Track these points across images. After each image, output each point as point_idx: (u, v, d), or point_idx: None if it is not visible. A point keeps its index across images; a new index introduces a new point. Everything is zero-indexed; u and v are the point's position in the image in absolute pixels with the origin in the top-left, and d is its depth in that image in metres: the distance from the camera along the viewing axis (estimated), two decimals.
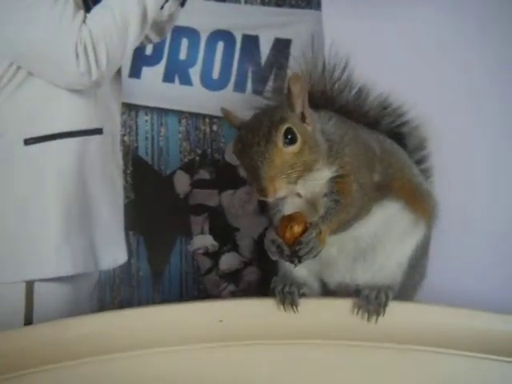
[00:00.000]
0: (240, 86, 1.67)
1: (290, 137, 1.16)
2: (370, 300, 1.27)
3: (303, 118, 1.21)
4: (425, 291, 1.40)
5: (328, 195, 1.22)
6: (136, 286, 1.61)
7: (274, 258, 1.20)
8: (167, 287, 1.61)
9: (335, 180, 1.23)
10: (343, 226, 1.23)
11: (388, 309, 1.26)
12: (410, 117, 1.45)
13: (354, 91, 1.41)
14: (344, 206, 1.21)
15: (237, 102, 1.53)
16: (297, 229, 1.17)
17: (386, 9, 1.67)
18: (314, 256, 1.17)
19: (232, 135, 1.56)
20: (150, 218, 1.63)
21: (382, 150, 1.32)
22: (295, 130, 1.17)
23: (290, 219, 1.18)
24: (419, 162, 1.47)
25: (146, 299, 1.61)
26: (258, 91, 1.63)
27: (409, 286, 1.36)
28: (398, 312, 1.26)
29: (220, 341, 1.25)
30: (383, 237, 1.31)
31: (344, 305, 1.27)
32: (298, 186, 1.19)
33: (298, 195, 1.24)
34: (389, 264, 1.32)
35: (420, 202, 1.34)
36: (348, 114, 1.37)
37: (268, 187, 1.13)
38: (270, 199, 1.16)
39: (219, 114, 1.56)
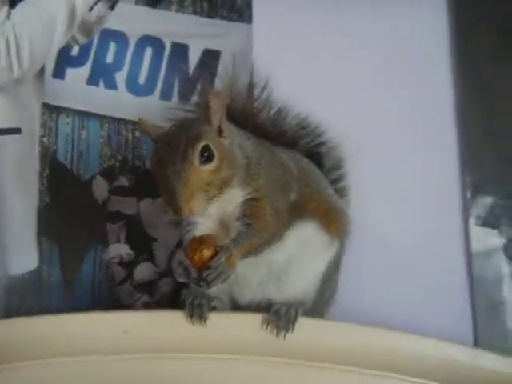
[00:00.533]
0: (166, 94, 1.64)
1: (206, 154, 1.16)
2: (280, 315, 1.28)
3: (220, 131, 1.21)
4: (338, 310, 1.42)
5: (241, 218, 1.23)
6: (47, 293, 1.54)
7: (181, 279, 1.20)
8: (79, 295, 1.55)
9: (249, 203, 1.23)
10: (255, 250, 1.23)
11: (299, 325, 1.27)
12: (328, 137, 1.48)
13: (273, 111, 1.43)
14: (256, 230, 1.21)
15: (162, 109, 1.50)
16: (206, 253, 1.15)
17: (314, 28, 1.70)
18: (223, 281, 1.17)
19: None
20: (65, 224, 1.57)
21: (299, 169, 1.34)
22: (212, 146, 1.16)
23: (201, 242, 1.18)
24: (336, 181, 1.50)
25: (56, 307, 1.53)
26: (183, 100, 1.62)
27: (320, 302, 1.38)
28: (308, 328, 1.28)
29: (125, 353, 1.22)
30: (298, 258, 1.31)
31: (254, 319, 1.28)
32: (213, 204, 1.18)
33: (210, 216, 1.24)
34: (302, 281, 1.33)
35: (334, 222, 1.37)
36: (266, 133, 1.39)
37: (183, 207, 1.12)
38: (185, 217, 1.16)
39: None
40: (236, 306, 1.37)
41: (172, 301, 1.52)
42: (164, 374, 1.24)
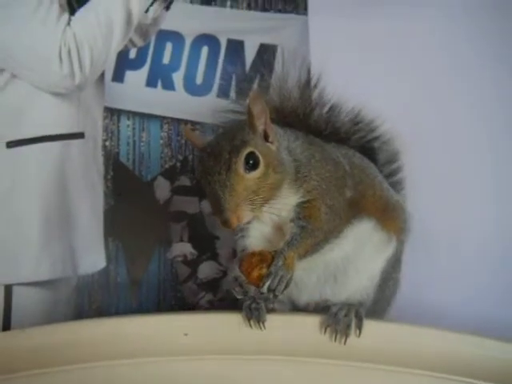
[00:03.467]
0: (223, 92, 1.66)
1: (251, 162, 1.15)
2: (339, 319, 1.27)
3: (266, 136, 1.20)
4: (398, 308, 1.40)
5: (295, 221, 1.21)
6: (114, 293, 1.62)
7: (238, 296, 1.21)
8: (145, 294, 1.62)
9: (302, 205, 1.22)
10: (311, 250, 1.22)
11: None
12: (382, 131, 1.45)
13: (325, 108, 1.41)
14: (311, 230, 1.20)
15: (220, 107, 1.48)
16: (261, 270, 1.14)
17: (369, 22, 1.68)
18: (286, 286, 1.16)
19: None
20: (129, 225, 1.63)
21: (352, 165, 1.32)
22: (257, 153, 1.15)
23: (260, 259, 1.16)
24: (391, 175, 1.47)
25: (123, 306, 1.61)
26: (241, 97, 1.58)
27: (381, 301, 1.37)
28: (370, 331, 1.26)
29: (184, 355, 1.25)
30: (355, 256, 1.30)
31: (313, 321, 1.27)
32: (263, 211, 1.17)
33: (264, 221, 1.23)
34: (361, 281, 1.32)
35: (392, 218, 1.34)
36: (319, 131, 1.36)
37: (231, 218, 1.12)
38: (234, 228, 1.15)
39: (202, 119, 1.66)
40: (295, 307, 1.38)
41: (237, 298, 1.53)
42: (222, 375, 1.26)
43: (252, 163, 1.15)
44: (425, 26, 1.71)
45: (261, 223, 1.25)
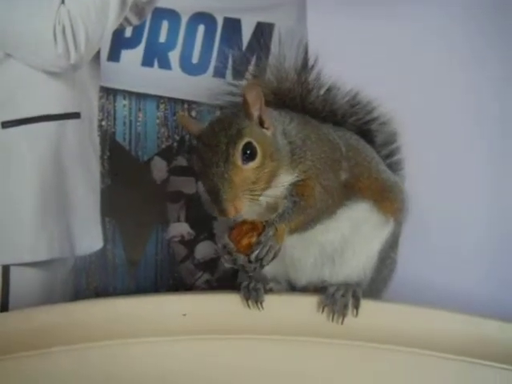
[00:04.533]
0: (220, 72, 1.64)
1: (249, 152, 1.14)
2: (336, 299, 1.27)
3: (261, 122, 1.19)
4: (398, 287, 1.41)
5: (287, 197, 1.21)
6: (111, 273, 1.61)
7: (227, 265, 1.20)
8: (142, 275, 1.61)
9: (296, 183, 1.22)
10: (302, 226, 1.22)
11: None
12: (379, 113, 1.44)
13: (322, 90, 1.40)
14: (303, 207, 1.20)
15: (216, 87, 1.49)
16: (251, 238, 1.15)
17: (367, 6, 1.65)
18: (274, 257, 1.16)
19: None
20: (126, 205, 1.62)
21: (348, 147, 1.32)
22: (254, 143, 1.15)
23: (252, 227, 1.17)
24: (389, 156, 1.47)
25: (121, 286, 1.61)
26: (238, 77, 1.56)
27: (378, 281, 1.37)
28: (367, 311, 1.27)
29: (182, 335, 1.26)
30: (351, 239, 1.30)
31: (310, 301, 1.27)
32: (261, 199, 1.17)
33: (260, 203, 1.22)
34: (358, 262, 1.32)
35: (389, 200, 1.34)
36: (315, 113, 1.36)
37: (229, 208, 1.12)
38: (232, 218, 1.15)
39: (198, 99, 1.65)
40: (293, 288, 1.38)
41: (234, 277, 1.53)
42: (221, 355, 1.27)
43: (249, 153, 1.14)
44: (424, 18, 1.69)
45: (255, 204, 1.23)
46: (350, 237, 1.31)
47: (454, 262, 1.63)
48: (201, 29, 1.66)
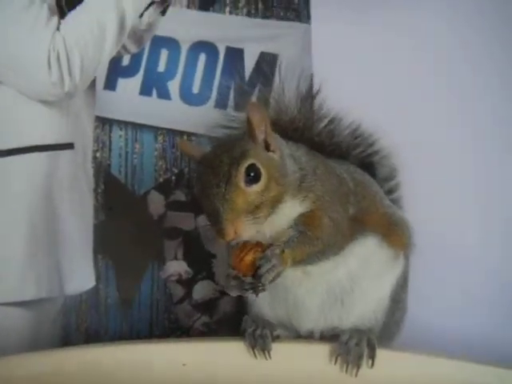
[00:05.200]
0: (221, 102, 1.57)
1: (252, 174, 1.08)
2: (350, 348, 1.19)
3: (267, 146, 1.12)
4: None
5: (294, 226, 1.14)
6: (104, 314, 1.56)
7: (234, 293, 1.12)
8: (136, 316, 1.56)
9: (304, 214, 1.15)
10: (307, 258, 1.15)
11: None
12: (381, 146, 1.40)
13: (325, 121, 1.35)
14: (310, 237, 1.13)
15: (217, 118, 1.41)
16: (253, 254, 1.09)
17: (374, 27, 1.65)
18: (276, 276, 1.09)
19: None
20: (120, 241, 1.57)
21: (355, 182, 1.27)
22: (259, 165, 1.08)
23: (245, 245, 1.10)
24: (389, 192, 1.41)
25: (113, 328, 1.56)
26: (240, 108, 1.51)
27: (391, 324, 1.30)
28: (382, 361, 1.19)
29: None
30: (361, 276, 1.23)
31: (322, 351, 1.20)
32: (264, 225, 1.10)
33: (262, 231, 1.14)
34: (369, 303, 1.25)
35: (397, 234, 1.28)
36: (322, 146, 1.32)
37: (228, 229, 1.05)
38: (231, 241, 1.08)
39: (199, 130, 1.58)
40: (300, 335, 1.30)
41: (234, 320, 1.46)
42: None
43: (253, 176, 1.08)
44: (425, 41, 1.70)
45: (257, 234, 1.14)
46: (359, 274, 1.24)
47: (465, 302, 1.60)
48: (202, 58, 1.65)
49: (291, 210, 1.14)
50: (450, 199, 1.68)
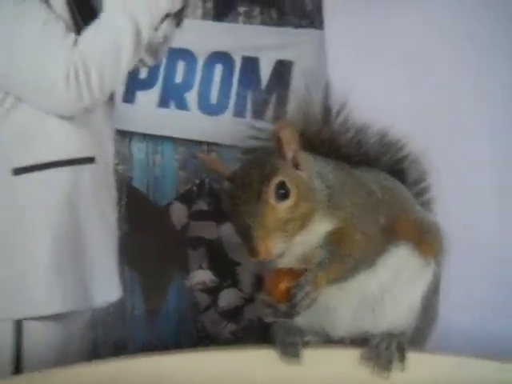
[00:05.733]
0: (239, 111, 1.63)
1: (282, 191, 1.08)
2: (380, 352, 1.19)
3: (296, 164, 1.13)
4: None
5: (323, 246, 1.13)
6: (130, 325, 1.57)
7: (269, 320, 1.14)
8: (163, 326, 1.58)
9: (334, 232, 1.14)
10: (341, 275, 1.15)
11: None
12: (409, 150, 1.38)
13: (352, 131, 1.33)
14: (340, 256, 1.14)
15: (236, 127, 1.49)
16: (288, 282, 1.08)
17: (389, 28, 1.65)
18: (311, 303, 1.09)
19: (232, 162, 1.51)
20: (145, 252, 1.58)
21: (384, 190, 1.25)
22: (288, 182, 1.09)
23: (280, 273, 1.10)
24: (419, 195, 1.40)
25: (140, 339, 1.57)
26: (258, 116, 1.61)
27: (422, 329, 1.28)
28: (413, 364, 1.17)
29: None
30: (392, 285, 1.22)
31: (352, 356, 1.18)
32: (294, 243, 1.10)
33: (292, 250, 1.13)
34: (400, 311, 1.23)
35: (428, 241, 1.26)
36: (349, 157, 1.31)
37: (260, 247, 1.04)
38: (263, 260, 1.07)
39: (218, 140, 1.63)
40: (329, 340, 1.26)
41: (260, 327, 1.47)
42: None
43: (283, 193, 1.08)
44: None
45: (287, 253, 1.13)
46: (391, 284, 1.22)
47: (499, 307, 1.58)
48: (218, 68, 1.67)
49: (321, 228, 1.14)
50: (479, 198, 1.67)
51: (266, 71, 1.64)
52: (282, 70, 1.61)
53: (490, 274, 1.60)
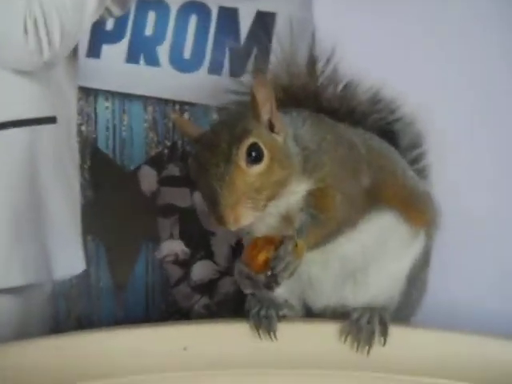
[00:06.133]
0: (216, 68, 1.56)
1: (254, 154, 1.06)
2: (361, 326, 1.19)
3: (271, 126, 1.11)
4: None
5: (305, 209, 1.13)
6: (95, 299, 1.54)
7: (248, 291, 1.14)
8: (131, 300, 1.55)
9: (313, 193, 1.14)
10: (322, 240, 1.15)
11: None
12: (404, 112, 1.37)
13: (340, 85, 1.33)
14: (323, 220, 1.13)
15: (212, 85, 1.46)
16: (266, 254, 1.07)
17: None
18: (291, 273, 1.09)
19: (207, 124, 1.46)
20: (111, 221, 1.55)
21: (369, 150, 1.24)
22: (261, 145, 1.07)
23: (256, 244, 1.09)
24: (414, 162, 1.40)
25: (107, 314, 1.54)
26: (235, 73, 1.53)
27: (406, 305, 1.30)
28: (395, 339, 1.18)
29: (184, 370, 1.17)
30: (376, 253, 1.23)
31: (331, 330, 1.19)
32: (266, 211, 1.09)
33: (270, 213, 1.14)
34: (384, 282, 1.25)
35: (418, 210, 1.27)
36: (333, 112, 1.30)
37: (227, 215, 1.03)
38: (232, 229, 1.06)
39: (192, 99, 1.57)
40: (309, 313, 1.30)
41: (237, 301, 1.49)
42: None
43: (255, 156, 1.06)
44: None
45: (266, 215, 1.14)
46: (375, 251, 1.23)
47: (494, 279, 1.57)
48: (193, 20, 1.59)
49: (297, 189, 1.13)
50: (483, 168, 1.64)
51: (245, 23, 1.58)
52: (264, 22, 1.55)
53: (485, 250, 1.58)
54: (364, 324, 1.19)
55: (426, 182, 1.41)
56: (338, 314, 1.26)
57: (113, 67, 1.56)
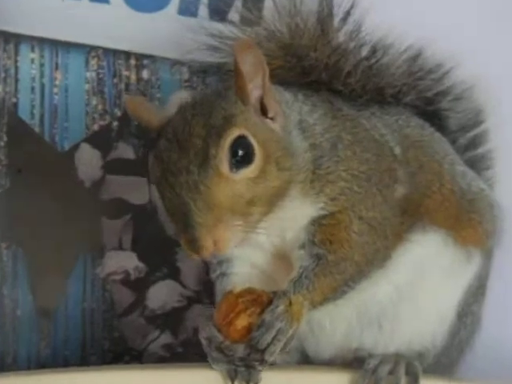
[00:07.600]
0: (188, 7, 1.43)
1: (241, 153, 1.00)
2: (380, 377, 1.13)
3: (263, 109, 1.04)
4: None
5: (306, 246, 1.07)
6: (11, 331, 1.42)
7: (219, 367, 1.07)
8: (61, 333, 1.43)
9: (320, 221, 1.08)
10: (333, 294, 1.09)
11: None
12: (453, 81, 1.31)
13: (365, 49, 1.25)
14: (333, 263, 1.07)
15: (183, 31, 1.32)
16: (248, 319, 1.01)
17: None
18: (285, 346, 1.03)
19: (173, 87, 1.40)
20: (35, 222, 1.43)
21: (405, 143, 1.18)
22: (250, 138, 1.01)
23: (238, 300, 1.04)
24: (468, 148, 1.35)
25: (26, 352, 1.42)
26: (217, 15, 1.40)
27: (451, 347, 1.24)
28: None
29: None
30: (412, 292, 1.18)
31: (339, 381, 1.13)
32: (257, 232, 1.04)
33: (259, 246, 1.12)
34: (421, 326, 1.19)
35: (471, 223, 1.21)
36: (353, 90, 1.22)
37: (203, 238, 0.97)
38: (208, 258, 1.04)
39: (153, 51, 1.46)
40: (307, 357, 1.25)
41: None
42: None
43: (242, 155, 1.00)
44: None
45: (254, 250, 1.11)
46: (412, 288, 1.18)
47: None
48: None
49: (301, 209, 1.08)
50: None
51: None
52: None
53: None
54: (384, 375, 1.13)
55: (488, 175, 1.37)
56: (347, 360, 1.22)
57: (42, 3, 1.44)
